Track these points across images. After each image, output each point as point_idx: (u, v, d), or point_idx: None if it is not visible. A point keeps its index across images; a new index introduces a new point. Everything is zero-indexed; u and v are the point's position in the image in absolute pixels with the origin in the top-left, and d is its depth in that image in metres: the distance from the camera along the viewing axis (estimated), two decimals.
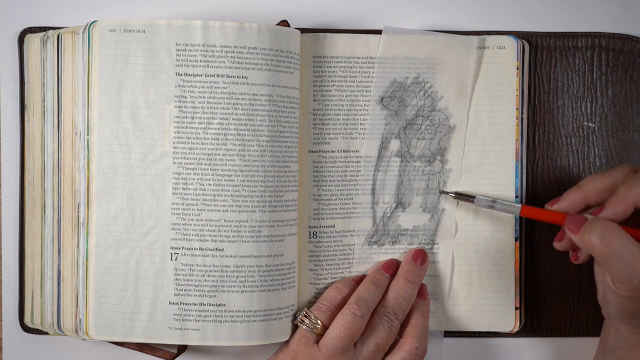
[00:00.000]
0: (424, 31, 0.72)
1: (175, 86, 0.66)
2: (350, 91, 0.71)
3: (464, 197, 0.70)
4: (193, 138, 0.66)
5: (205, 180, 0.66)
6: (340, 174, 0.71)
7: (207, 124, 0.66)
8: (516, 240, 0.72)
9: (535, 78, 0.73)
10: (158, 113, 0.66)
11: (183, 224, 0.66)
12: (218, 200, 0.66)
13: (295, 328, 0.69)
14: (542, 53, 0.73)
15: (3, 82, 0.72)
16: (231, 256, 0.66)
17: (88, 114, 0.67)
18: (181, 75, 0.66)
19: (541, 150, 0.73)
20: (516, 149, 0.72)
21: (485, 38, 0.71)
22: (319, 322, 0.67)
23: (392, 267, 0.71)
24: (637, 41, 0.73)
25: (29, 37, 0.71)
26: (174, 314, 0.67)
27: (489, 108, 0.72)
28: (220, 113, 0.66)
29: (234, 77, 0.66)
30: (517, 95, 0.72)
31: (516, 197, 0.71)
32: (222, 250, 0.66)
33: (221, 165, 0.66)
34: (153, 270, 0.67)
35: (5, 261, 0.72)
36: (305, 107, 0.71)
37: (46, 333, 0.71)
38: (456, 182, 0.72)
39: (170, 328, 0.67)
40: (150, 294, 0.67)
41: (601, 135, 0.73)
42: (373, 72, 0.71)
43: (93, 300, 0.67)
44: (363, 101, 0.71)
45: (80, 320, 0.67)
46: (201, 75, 0.66)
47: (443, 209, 0.72)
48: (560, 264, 0.73)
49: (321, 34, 0.71)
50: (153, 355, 0.69)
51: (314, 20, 0.73)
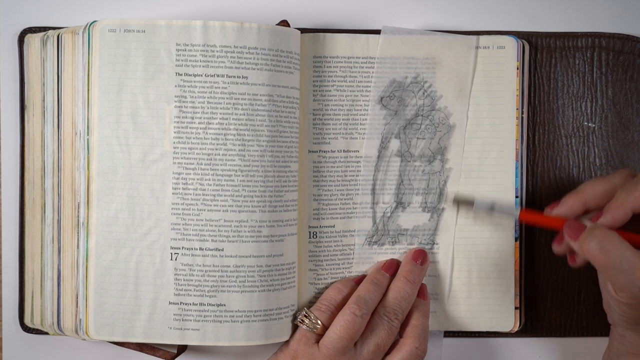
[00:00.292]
0: (423, 31, 0.72)
1: (175, 86, 0.66)
2: (350, 91, 0.71)
3: (463, 202, 0.71)
4: (193, 138, 0.66)
5: (205, 180, 0.66)
6: (340, 174, 0.71)
7: (207, 124, 0.66)
8: (516, 240, 0.72)
9: (535, 78, 0.73)
10: (158, 113, 0.66)
11: (183, 224, 0.66)
12: (218, 200, 0.66)
13: (295, 328, 0.69)
14: (542, 53, 0.73)
15: (3, 82, 0.72)
16: (231, 256, 0.66)
17: (88, 114, 0.66)
18: (181, 75, 0.66)
19: (541, 150, 0.73)
20: (516, 149, 0.72)
21: (485, 38, 0.71)
22: (319, 322, 0.67)
23: (392, 267, 0.71)
24: (637, 41, 0.73)
25: (29, 37, 0.71)
26: (174, 314, 0.67)
27: (489, 108, 0.72)
28: (220, 113, 0.66)
29: (234, 77, 0.66)
30: (517, 95, 0.72)
31: (516, 197, 0.71)
32: (222, 250, 0.66)
33: (221, 165, 0.66)
34: (153, 270, 0.67)
35: (5, 261, 0.72)
36: (305, 107, 0.71)
37: (46, 333, 0.71)
38: (456, 182, 0.72)
39: (170, 328, 0.67)
40: (150, 294, 0.67)
41: (601, 135, 0.73)
42: (373, 72, 0.71)
43: (93, 300, 0.67)
44: (363, 101, 0.71)
45: (80, 320, 0.67)
46: (201, 75, 0.66)
47: (443, 209, 0.72)
48: (560, 264, 0.73)
49: (321, 34, 0.71)
50: (153, 355, 0.69)
51: (314, 20, 0.73)
